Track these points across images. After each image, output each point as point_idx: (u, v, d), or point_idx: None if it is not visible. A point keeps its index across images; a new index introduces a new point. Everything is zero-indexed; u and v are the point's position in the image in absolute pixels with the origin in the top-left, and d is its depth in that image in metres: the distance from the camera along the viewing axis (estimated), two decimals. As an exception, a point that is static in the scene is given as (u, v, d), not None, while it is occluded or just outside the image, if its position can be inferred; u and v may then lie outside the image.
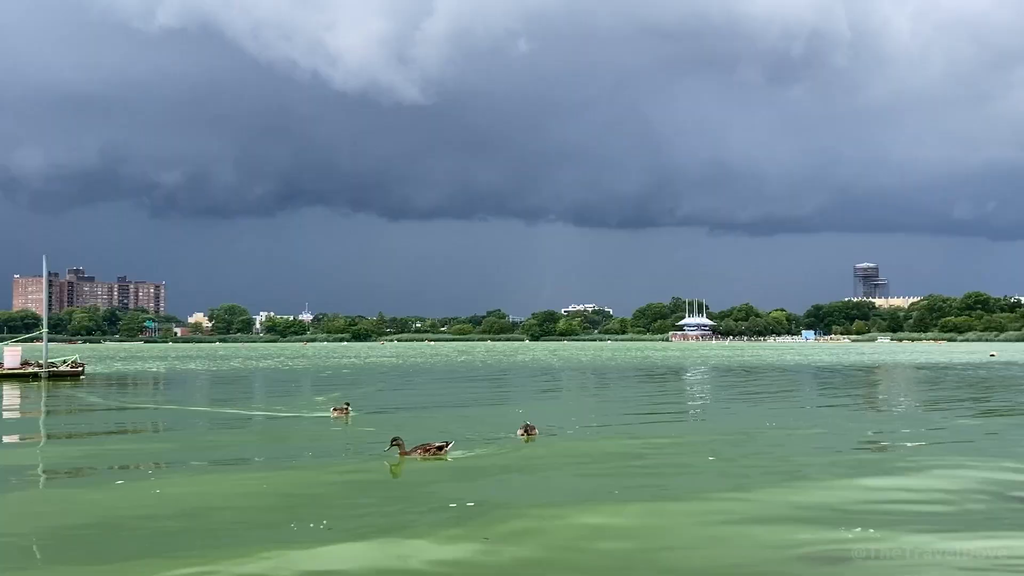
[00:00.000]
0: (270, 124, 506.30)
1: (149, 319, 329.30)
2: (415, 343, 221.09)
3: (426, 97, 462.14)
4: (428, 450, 15.84)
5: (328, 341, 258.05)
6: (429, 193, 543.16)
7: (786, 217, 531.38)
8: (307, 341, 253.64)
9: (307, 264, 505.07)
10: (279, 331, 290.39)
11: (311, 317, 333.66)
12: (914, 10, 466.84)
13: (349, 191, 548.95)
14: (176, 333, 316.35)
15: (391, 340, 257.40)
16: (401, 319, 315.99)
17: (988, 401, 31.25)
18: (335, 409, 24.17)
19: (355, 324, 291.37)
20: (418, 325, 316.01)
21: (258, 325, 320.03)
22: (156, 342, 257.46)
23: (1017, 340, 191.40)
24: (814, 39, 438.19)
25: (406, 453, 15.71)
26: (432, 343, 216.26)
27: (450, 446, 16.19)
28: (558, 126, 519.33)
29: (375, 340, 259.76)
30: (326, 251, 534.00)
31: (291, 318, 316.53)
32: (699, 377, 49.36)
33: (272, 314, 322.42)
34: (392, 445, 15.77)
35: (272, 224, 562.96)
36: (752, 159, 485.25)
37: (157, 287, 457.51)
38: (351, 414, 23.59)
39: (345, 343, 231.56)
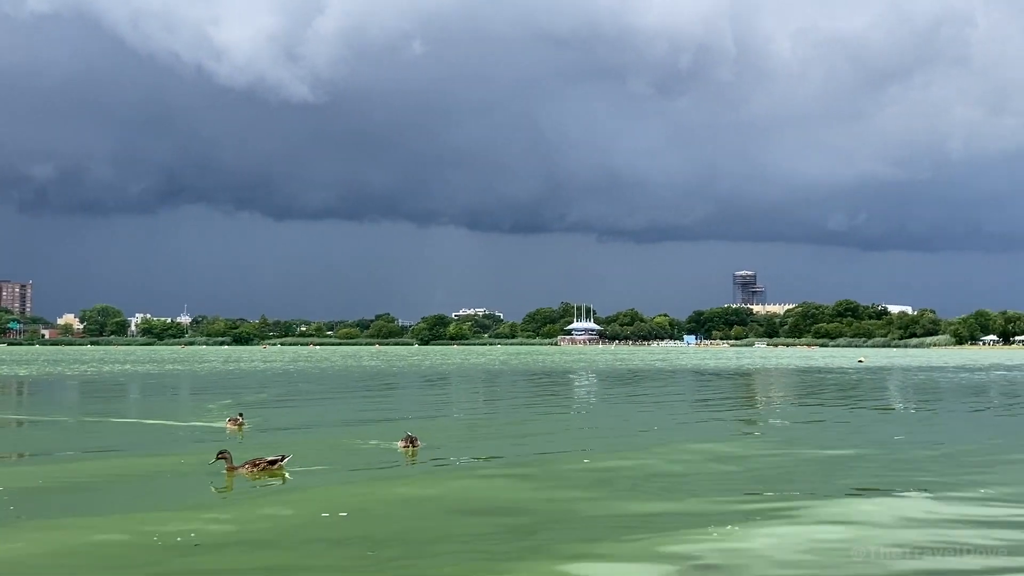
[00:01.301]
0: (151, 118, 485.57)
1: (13, 320, 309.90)
2: (299, 347, 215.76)
3: (316, 96, 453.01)
4: (258, 465, 14.44)
5: (208, 344, 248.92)
6: (317, 193, 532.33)
7: (671, 225, 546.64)
8: (186, 344, 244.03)
9: (187, 264, 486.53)
10: (156, 333, 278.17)
11: (190, 319, 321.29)
12: (795, 29, 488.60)
13: (233, 189, 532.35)
14: (44, 335, 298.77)
15: (274, 344, 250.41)
16: (285, 322, 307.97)
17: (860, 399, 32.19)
18: (230, 420, 22.34)
19: (236, 327, 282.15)
20: (303, 328, 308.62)
21: (133, 327, 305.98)
22: (21, 344, 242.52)
23: (883, 346, 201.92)
24: (701, 53, 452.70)
25: (233, 468, 14.37)
26: (317, 347, 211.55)
27: (286, 460, 14.78)
28: (452, 129, 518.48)
29: (257, 344, 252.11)
30: (207, 251, 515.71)
31: (169, 320, 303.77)
32: (589, 382, 49.35)
33: (148, 316, 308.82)
34: (217, 459, 14.36)
35: (151, 222, 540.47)
36: (640, 168, 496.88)
37: (23, 287, 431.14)
38: (245, 426, 21.87)
39: (226, 346, 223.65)
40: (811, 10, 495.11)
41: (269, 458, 14.74)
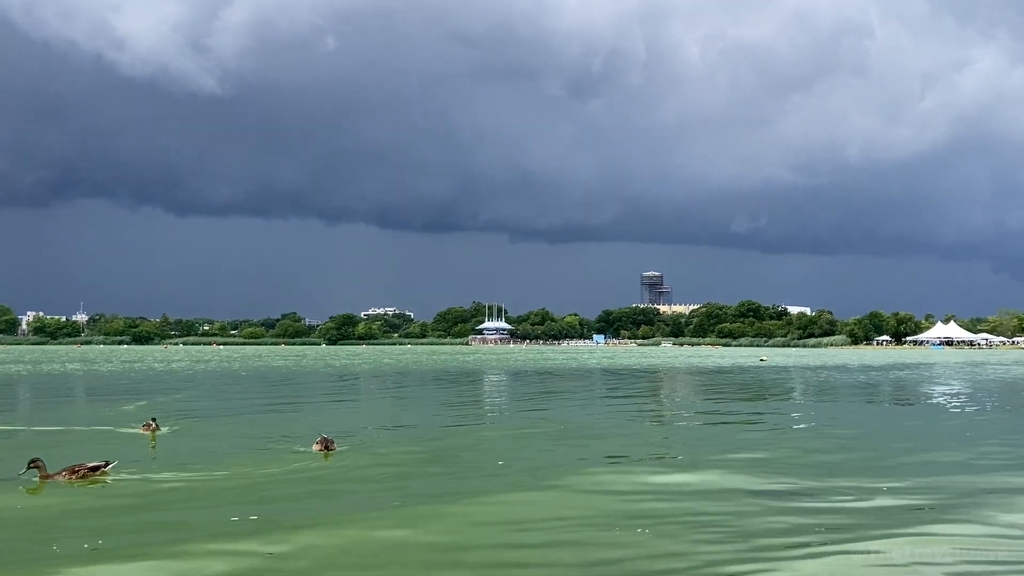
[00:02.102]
0: (45, 107, 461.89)
1: None
2: (202, 347, 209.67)
3: (223, 89, 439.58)
4: (77, 472, 13.64)
5: (106, 344, 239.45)
6: (222, 188, 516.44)
7: (582, 226, 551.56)
8: (82, 343, 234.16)
9: (83, 260, 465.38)
10: (49, 332, 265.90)
11: (86, 318, 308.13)
12: (703, 35, 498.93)
13: (133, 183, 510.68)
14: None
15: (176, 343, 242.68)
16: (187, 321, 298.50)
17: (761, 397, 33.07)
18: (144, 425, 21.26)
19: (136, 326, 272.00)
20: (206, 328, 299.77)
21: (24, 326, 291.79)
22: None
23: (783, 346, 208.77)
24: (612, 57, 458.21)
25: (48, 476, 13.55)
26: (221, 347, 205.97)
27: (111, 466, 14.09)
28: (364, 126, 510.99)
29: (158, 343, 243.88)
30: (105, 246, 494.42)
31: (63, 319, 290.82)
32: (499, 380, 49.33)
33: (41, 314, 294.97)
34: (29, 468, 13.51)
35: (44, 216, 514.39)
36: (552, 169, 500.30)
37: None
38: (159, 430, 20.85)
39: (125, 346, 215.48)
40: (719, 17, 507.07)
41: (90, 464, 13.96)
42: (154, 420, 21.53)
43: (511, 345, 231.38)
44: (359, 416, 26.86)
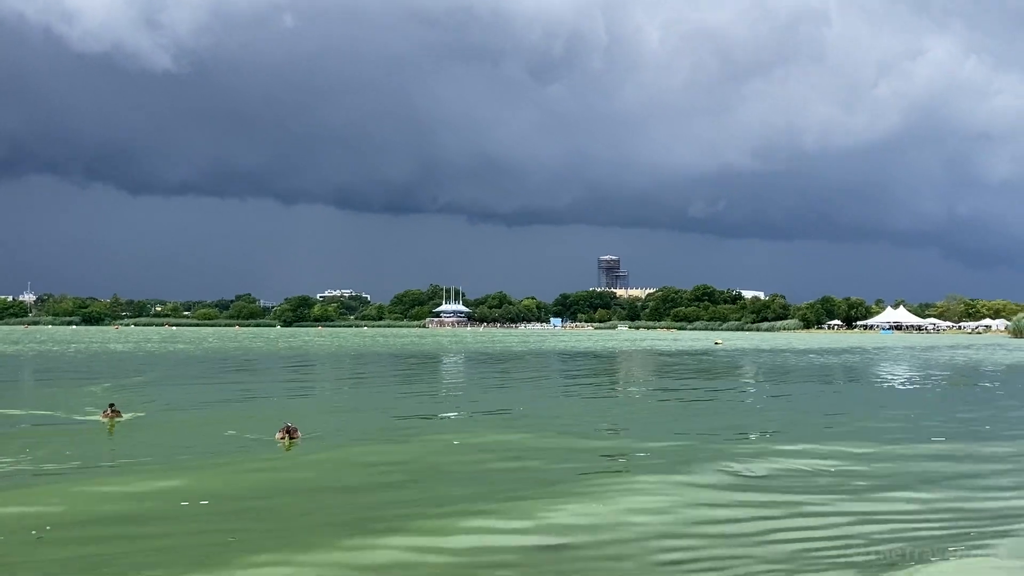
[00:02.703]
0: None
1: None
2: (154, 327, 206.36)
3: (179, 66, 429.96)
4: None
5: (54, 324, 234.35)
6: (178, 168, 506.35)
7: (542, 210, 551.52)
8: (29, 324, 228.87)
9: (31, 238, 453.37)
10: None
11: (34, 298, 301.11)
12: (663, 20, 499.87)
13: (84, 160, 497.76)
14: None
15: (127, 324, 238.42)
16: (139, 302, 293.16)
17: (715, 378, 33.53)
18: (103, 412, 19.98)
19: (86, 307, 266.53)
20: (158, 309, 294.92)
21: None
22: None
23: (737, 329, 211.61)
24: (574, 40, 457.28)
25: None
26: (174, 328, 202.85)
27: None
28: (323, 106, 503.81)
29: (109, 324, 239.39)
30: (55, 225, 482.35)
31: (10, 299, 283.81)
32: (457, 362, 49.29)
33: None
34: None
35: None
36: (513, 152, 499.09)
37: None
38: (119, 418, 19.50)
39: (74, 327, 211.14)
40: (679, 1, 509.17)
41: None
42: (112, 406, 20.24)
43: (468, 328, 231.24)
44: (319, 402, 26.65)
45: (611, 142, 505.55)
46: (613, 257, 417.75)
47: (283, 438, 16.42)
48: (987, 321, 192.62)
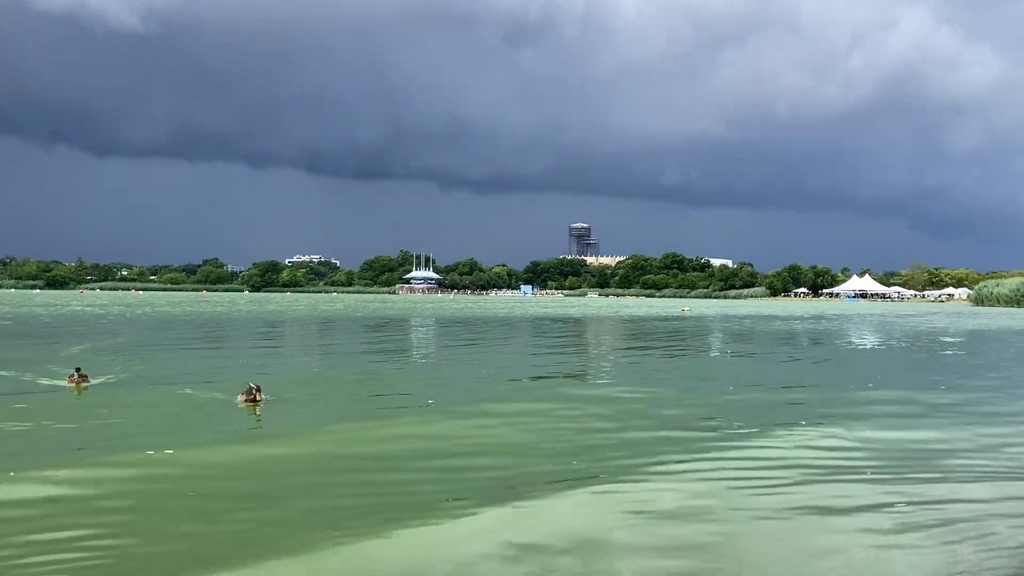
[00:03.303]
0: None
1: None
2: (120, 292, 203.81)
3: (147, 27, 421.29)
4: None
5: (17, 288, 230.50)
6: (145, 130, 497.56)
7: (513, 176, 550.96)
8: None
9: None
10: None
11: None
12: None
13: (49, 122, 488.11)
14: None
15: (93, 288, 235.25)
16: (105, 266, 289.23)
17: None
18: (69, 376, 18.52)
19: (50, 270, 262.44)
20: (124, 273, 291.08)
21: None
22: None
23: (705, 297, 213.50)
24: (549, 6, 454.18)
25: None
26: (139, 292, 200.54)
27: None
28: (293, 69, 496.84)
29: (73, 288, 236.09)
30: (17, 187, 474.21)
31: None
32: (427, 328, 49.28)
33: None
34: None
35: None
36: (486, 118, 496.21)
37: None
38: (86, 384, 18.09)
39: (38, 291, 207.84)
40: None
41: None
42: (78, 370, 18.66)
43: (439, 295, 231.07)
44: (287, 364, 26.53)
45: (584, 109, 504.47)
46: (584, 225, 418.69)
47: (247, 401, 15.76)
48: (950, 290, 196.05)
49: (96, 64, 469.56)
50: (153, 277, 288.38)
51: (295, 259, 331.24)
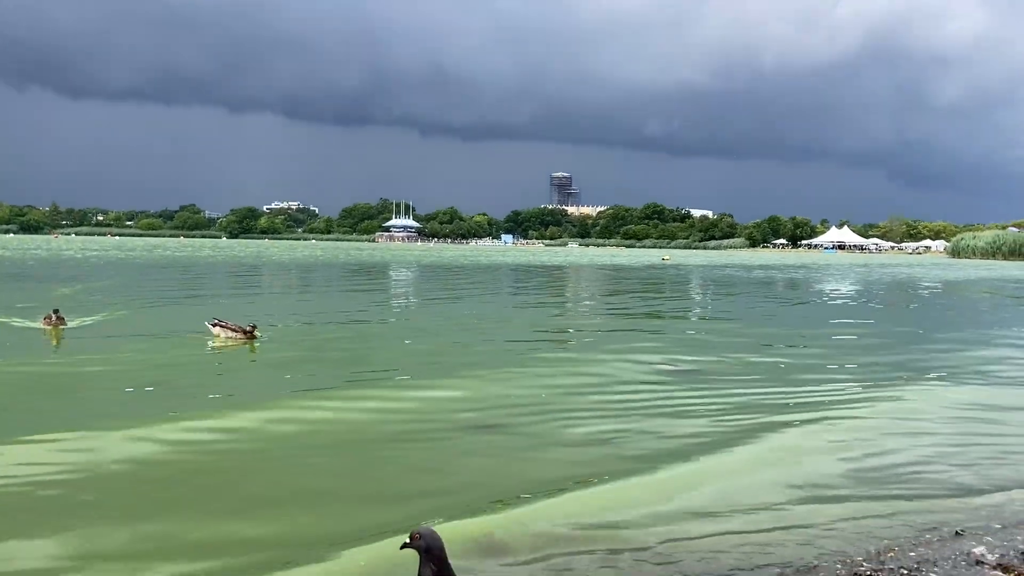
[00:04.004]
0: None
1: None
2: (97, 237, 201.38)
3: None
4: None
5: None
6: (122, 72, 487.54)
7: (497, 124, 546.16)
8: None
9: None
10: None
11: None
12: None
13: (19, 62, 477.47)
14: None
15: (68, 234, 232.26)
16: (80, 211, 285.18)
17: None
18: (45, 318, 17.48)
19: (23, 215, 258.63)
20: (100, 218, 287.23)
21: None
22: None
23: (685, 247, 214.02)
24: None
25: None
26: (116, 237, 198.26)
27: None
28: (274, 12, 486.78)
29: (48, 233, 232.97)
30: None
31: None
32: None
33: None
34: None
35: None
36: (469, 64, 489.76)
37: None
38: (64, 326, 17.09)
39: (11, 235, 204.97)
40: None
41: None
42: (56, 312, 17.53)
43: (419, 243, 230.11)
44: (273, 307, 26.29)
45: (568, 57, 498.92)
46: (565, 174, 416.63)
47: (240, 335, 16.19)
48: (927, 242, 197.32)
49: (71, 4, 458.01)
50: (129, 223, 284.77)
51: (273, 206, 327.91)
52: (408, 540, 4.21)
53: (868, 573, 5.16)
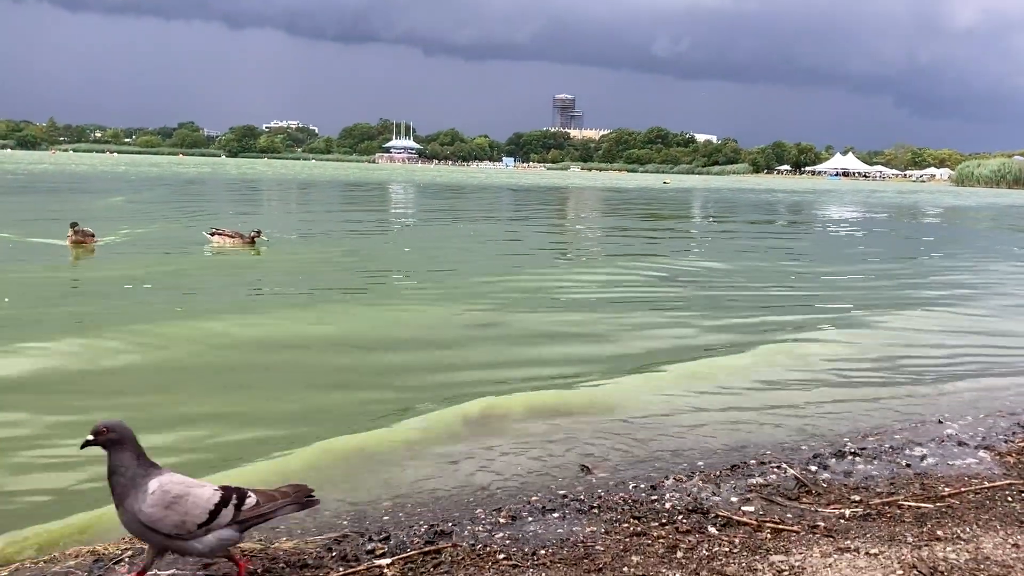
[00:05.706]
0: None
1: None
2: (95, 154, 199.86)
3: None
4: None
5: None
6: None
7: (500, 43, 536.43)
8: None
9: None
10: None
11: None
12: None
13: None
14: None
15: (66, 150, 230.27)
16: (78, 127, 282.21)
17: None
18: (72, 235, 15.78)
19: (20, 130, 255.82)
20: (98, 135, 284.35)
21: None
22: None
23: (688, 172, 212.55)
24: None
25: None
26: (115, 154, 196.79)
27: None
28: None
29: (45, 149, 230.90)
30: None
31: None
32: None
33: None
34: None
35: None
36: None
37: None
38: (95, 243, 15.82)
39: (9, 150, 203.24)
40: None
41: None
42: (75, 226, 15.85)
43: (419, 164, 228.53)
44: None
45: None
46: (569, 96, 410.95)
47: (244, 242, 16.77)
48: (931, 170, 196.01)
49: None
50: (128, 140, 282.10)
51: (272, 124, 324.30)
52: (92, 437, 3.32)
53: (853, 450, 5.48)
